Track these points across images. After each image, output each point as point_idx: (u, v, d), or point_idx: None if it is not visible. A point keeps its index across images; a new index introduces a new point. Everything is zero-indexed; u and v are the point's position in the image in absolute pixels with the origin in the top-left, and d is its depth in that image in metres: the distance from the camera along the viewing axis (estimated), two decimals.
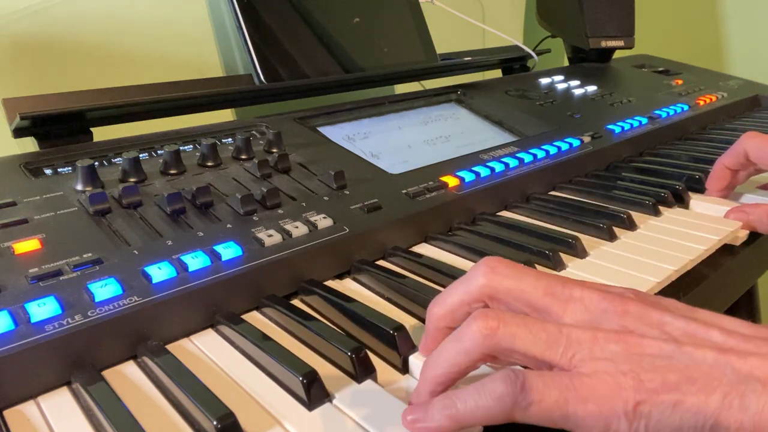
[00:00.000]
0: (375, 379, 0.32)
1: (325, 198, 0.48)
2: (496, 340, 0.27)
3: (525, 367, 0.27)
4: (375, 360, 0.33)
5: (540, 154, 0.62)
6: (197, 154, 0.52)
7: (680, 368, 0.24)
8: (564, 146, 0.65)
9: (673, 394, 0.24)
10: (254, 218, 0.44)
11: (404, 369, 0.33)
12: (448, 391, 0.27)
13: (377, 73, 0.74)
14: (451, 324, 0.31)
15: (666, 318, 0.26)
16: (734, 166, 0.56)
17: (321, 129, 0.64)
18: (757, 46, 1.24)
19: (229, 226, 0.42)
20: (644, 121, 0.77)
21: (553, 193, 0.61)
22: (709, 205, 0.55)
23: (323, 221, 0.44)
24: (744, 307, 1.01)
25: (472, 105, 0.78)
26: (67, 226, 0.40)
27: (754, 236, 0.51)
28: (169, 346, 0.35)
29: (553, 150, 0.63)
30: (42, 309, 0.32)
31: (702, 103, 0.88)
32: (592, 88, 0.89)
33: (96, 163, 0.46)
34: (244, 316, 0.38)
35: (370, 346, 0.34)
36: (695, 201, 0.56)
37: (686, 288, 0.43)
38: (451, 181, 0.53)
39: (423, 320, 0.38)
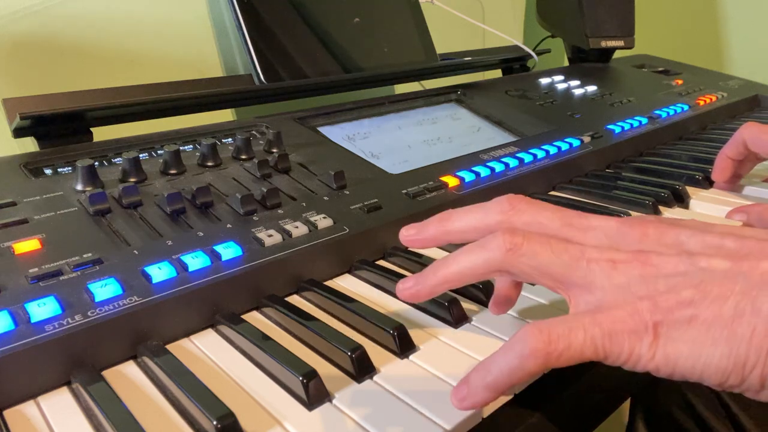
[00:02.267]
0: (375, 379, 0.32)
1: (325, 198, 0.48)
2: (518, 255, 0.28)
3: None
4: (375, 360, 0.33)
5: (540, 154, 0.62)
6: (197, 154, 0.52)
7: (695, 284, 0.25)
8: (564, 146, 0.65)
9: (687, 310, 0.24)
10: (254, 218, 0.44)
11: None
12: (482, 361, 0.28)
13: (377, 73, 0.74)
14: (454, 240, 0.32)
15: (682, 235, 0.27)
16: (735, 155, 0.57)
17: (321, 129, 0.64)
18: (757, 46, 1.24)
19: (229, 226, 0.42)
20: (644, 121, 0.77)
21: (553, 193, 0.61)
22: (710, 205, 0.55)
23: (323, 221, 0.44)
24: None
25: (472, 105, 0.78)
26: (67, 226, 0.40)
27: None
28: (169, 346, 0.35)
29: (553, 150, 0.63)
30: (42, 309, 0.32)
31: (702, 103, 0.88)
32: (592, 88, 0.89)
33: (96, 163, 0.46)
34: (244, 316, 0.38)
35: (370, 346, 0.34)
36: (695, 201, 0.56)
37: None
38: (451, 181, 0.53)
39: (423, 321, 0.38)
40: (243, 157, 0.53)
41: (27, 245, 0.37)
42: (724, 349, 0.24)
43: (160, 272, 0.36)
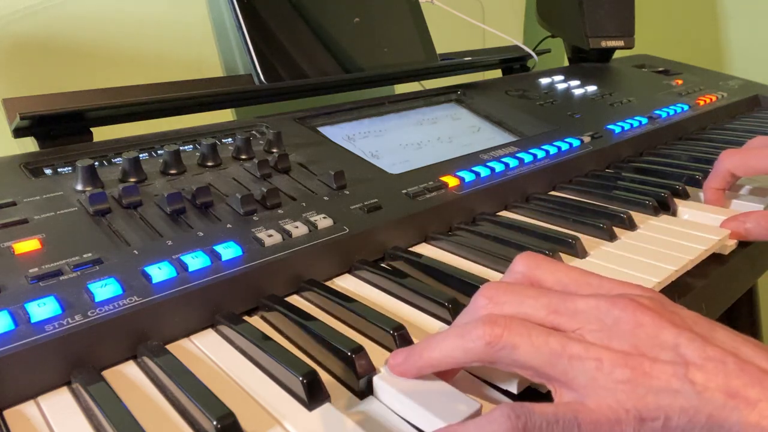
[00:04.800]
0: (375, 379, 0.32)
1: (325, 198, 0.48)
2: (497, 348, 0.26)
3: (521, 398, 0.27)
4: (375, 360, 0.33)
5: (540, 154, 0.62)
6: (197, 154, 0.52)
7: (685, 407, 0.23)
8: (564, 146, 0.65)
9: None
10: (254, 218, 0.44)
11: None
12: (450, 426, 0.26)
13: (377, 73, 0.74)
14: (441, 369, 0.30)
15: (682, 338, 0.25)
16: (723, 186, 0.56)
17: (321, 129, 0.64)
18: (757, 46, 1.24)
19: (229, 226, 0.42)
20: (644, 121, 0.77)
21: (553, 193, 0.61)
22: (705, 212, 0.55)
23: (323, 221, 0.44)
24: (744, 307, 1.01)
25: (472, 105, 0.78)
26: (67, 226, 0.40)
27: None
28: (169, 346, 0.35)
29: (553, 150, 0.63)
30: (42, 309, 0.32)
31: (702, 103, 0.88)
32: (592, 88, 0.89)
33: (96, 163, 0.46)
34: (243, 317, 0.38)
35: (370, 346, 0.34)
36: (693, 202, 0.56)
37: (687, 288, 0.43)
38: (451, 181, 0.53)
39: (423, 321, 0.38)
40: (243, 157, 0.53)
41: (27, 245, 0.37)
42: None
43: (160, 272, 0.36)
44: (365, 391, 0.31)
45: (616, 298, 0.27)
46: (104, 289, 0.34)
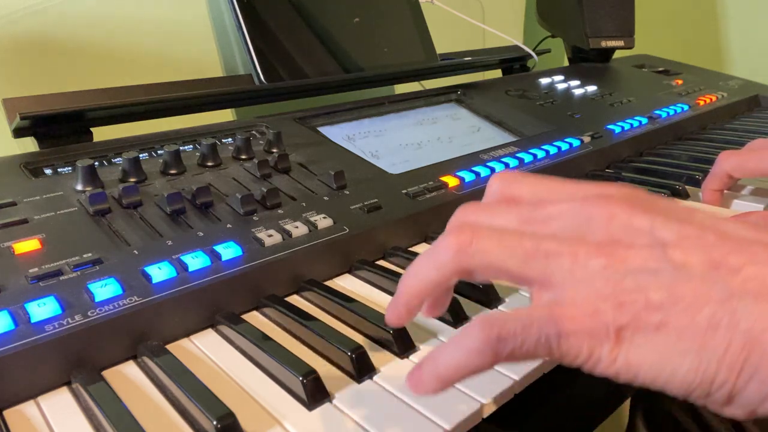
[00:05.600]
0: (375, 379, 0.32)
1: (325, 198, 0.48)
2: (469, 255, 0.25)
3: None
4: (375, 360, 0.33)
5: (540, 154, 0.62)
6: (197, 154, 0.52)
7: (666, 284, 0.22)
8: (564, 146, 0.65)
9: (656, 315, 0.22)
10: (254, 218, 0.44)
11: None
12: (432, 351, 0.26)
13: (377, 73, 0.74)
14: (426, 297, 0.29)
15: (657, 221, 0.24)
16: (721, 187, 0.56)
17: (321, 129, 0.64)
18: (757, 46, 1.24)
19: (229, 226, 0.42)
20: (644, 121, 0.77)
21: None
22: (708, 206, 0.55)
23: (323, 221, 0.44)
24: None
25: (472, 105, 0.78)
26: (67, 226, 0.40)
27: None
28: (169, 346, 0.35)
29: (553, 150, 0.63)
30: (42, 309, 0.32)
31: (702, 103, 0.88)
32: (592, 88, 0.89)
33: (96, 163, 0.46)
34: (243, 316, 0.38)
35: (369, 346, 0.34)
36: (692, 203, 0.56)
37: None
38: (451, 181, 0.53)
39: (423, 321, 0.38)
40: (243, 157, 0.53)
41: (27, 245, 0.37)
42: (693, 362, 0.21)
43: (160, 272, 0.36)
44: (365, 390, 0.31)
45: (588, 197, 0.26)
46: (104, 289, 0.34)
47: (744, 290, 0.21)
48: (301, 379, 0.29)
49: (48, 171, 0.48)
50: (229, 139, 0.58)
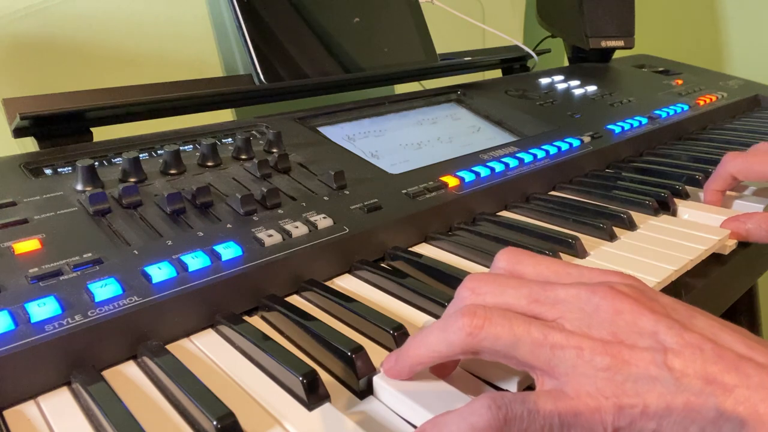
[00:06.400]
0: (375, 379, 0.32)
1: (325, 198, 0.48)
2: (479, 339, 0.27)
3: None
4: (375, 360, 0.33)
5: (540, 154, 0.62)
6: (197, 154, 0.52)
7: (663, 393, 0.24)
8: (564, 146, 0.65)
9: (650, 423, 0.24)
10: (254, 218, 0.44)
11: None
12: (436, 418, 0.26)
13: (377, 73, 0.74)
14: (431, 364, 0.30)
15: (661, 325, 0.25)
16: (724, 188, 0.56)
17: (321, 129, 0.64)
18: (757, 46, 1.24)
19: (229, 226, 0.42)
20: (644, 121, 0.77)
21: (553, 193, 0.61)
22: (705, 212, 0.55)
23: (323, 221, 0.44)
24: (744, 307, 1.01)
25: (472, 105, 0.78)
26: (67, 226, 0.40)
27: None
28: (169, 346, 0.35)
29: (553, 150, 0.63)
30: (42, 309, 0.32)
31: (702, 103, 0.88)
32: (592, 88, 0.89)
33: (96, 163, 0.46)
34: (243, 317, 0.38)
35: (370, 346, 0.34)
36: (693, 202, 0.56)
37: (687, 288, 0.43)
38: (451, 181, 0.53)
39: (423, 321, 0.38)
40: (243, 157, 0.53)
41: (27, 245, 0.37)
42: None
43: (160, 272, 0.36)
44: (365, 391, 0.31)
45: (595, 286, 0.27)
46: (104, 289, 0.34)
47: (734, 412, 0.23)
48: (301, 379, 0.29)
49: (48, 171, 0.48)
50: (229, 139, 0.58)
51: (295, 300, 0.41)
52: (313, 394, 0.29)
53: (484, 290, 0.29)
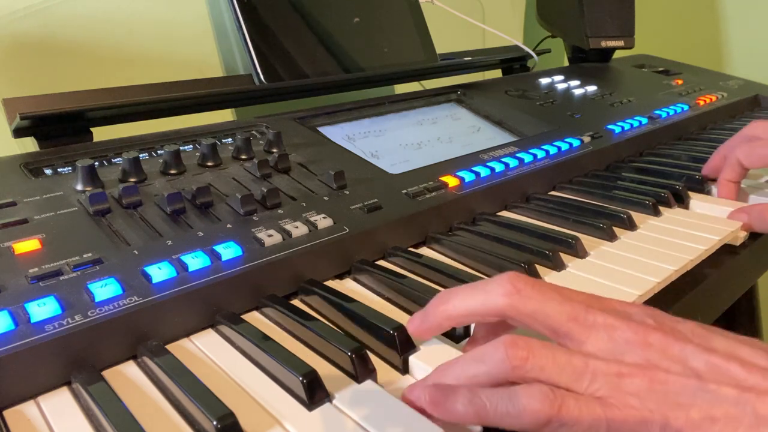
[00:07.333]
0: (375, 379, 0.32)
1: (325, 198, 0.48)
2: (524, 371, 0.27)
3: None
4: (375, 360, 0.33)
5: (540, 154, 0.62)
6: (197, 154, 0.52)
7: (703, 406, 0.25)
8: (564, 146, 0.64)
9: None
10: (254, 218, 0.44)
11: (404, 369, 0.33)
12: (476, 388, 0.27)
13: (377, 73, 0.74)
14: (456, 326, 0.31)
15: (687, 351, 0.27)
16: (736, 178, 0.56)
17: (321, 129, 0.64)
18: (757, 46, 1.24)
19: (229, 226, 0.42)
20: (644, 121, 0.77)
21: (553, 193, 0.61)
22: (710, 205, 0.55)
23: (323, 221, 0.44)
24: (744, 307, 1.01)
25: (472, 105, 0.78)
26: (67, 226, 0.40)
27: (754, 236, 0.51)
28: (169, 346, 0.35)
29: (553, 150, 0.63)
30: (42, 309, 0.32)
31: (702, 103, 0.88)
32: (592, 88, 0.89)
33: (96, 163, 0.46)
34: (243, 316, 0.38)
35: (370, 346, 0.34)
36: (695, 201, 0.56)
37: (686, 288, 0.43)
38: (451, 181, 0.53)
39: None
40: (243, 157, 0.53)
41: (27, 245, 0.37)
42: None
43: (160, 272, 0.36)
44: (365, 390, 0.31)
45: (627, 321, 0.29)
46: (104, 289, 0.34)
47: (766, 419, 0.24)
48: (301, 379, 0.29)
49: (48, 171, 0.48)
50: (229, 139, 0.58)
51: (295, 300, 0.41)
52: (313, 394, 0.29)
53: (529, 293, 0.30)
